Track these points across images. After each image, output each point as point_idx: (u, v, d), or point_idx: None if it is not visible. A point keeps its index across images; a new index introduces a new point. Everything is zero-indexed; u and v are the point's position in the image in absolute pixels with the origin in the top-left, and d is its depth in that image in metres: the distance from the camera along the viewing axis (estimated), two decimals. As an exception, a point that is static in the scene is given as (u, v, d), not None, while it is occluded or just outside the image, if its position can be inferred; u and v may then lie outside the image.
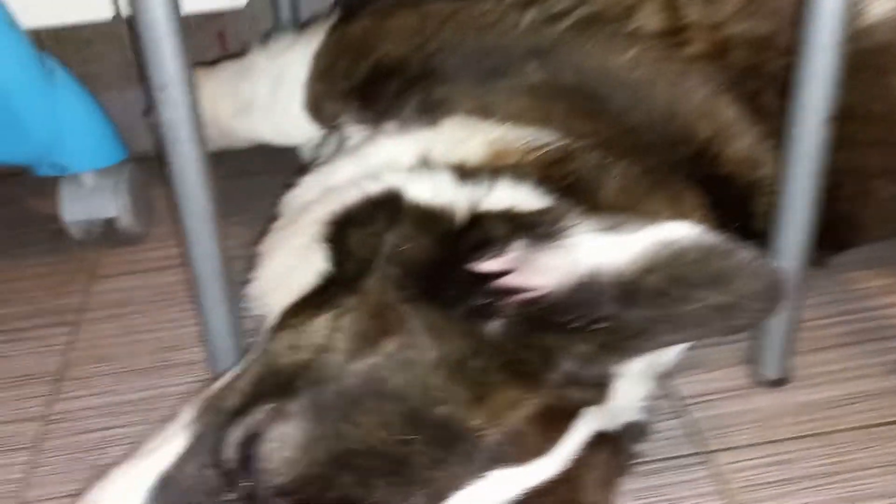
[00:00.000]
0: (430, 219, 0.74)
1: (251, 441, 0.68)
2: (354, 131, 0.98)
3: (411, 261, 0.72)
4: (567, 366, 0.70)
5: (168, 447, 0.74)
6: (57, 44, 1.31)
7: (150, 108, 1.25)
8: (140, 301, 1.16)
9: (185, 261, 1.20)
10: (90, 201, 1.20)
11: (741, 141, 0.91)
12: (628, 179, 0.81)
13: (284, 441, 0.66)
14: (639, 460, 0.83)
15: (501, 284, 0.70)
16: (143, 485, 0.72)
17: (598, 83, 0.90)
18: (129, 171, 1.23)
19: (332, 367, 0.69)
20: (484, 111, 0.87)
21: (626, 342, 0.69)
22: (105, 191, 1.20)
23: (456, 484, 0.67)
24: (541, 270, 0.69)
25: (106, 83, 1.37)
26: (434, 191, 0.77)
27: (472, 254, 0.71)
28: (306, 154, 1.29)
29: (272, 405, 0.69)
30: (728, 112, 0.90)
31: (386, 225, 0.75)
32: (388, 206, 0.76)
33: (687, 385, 0.97)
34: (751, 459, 0.88)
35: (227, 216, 1.29)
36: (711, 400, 0.95)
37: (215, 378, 0.89)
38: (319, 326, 0.73)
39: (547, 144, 0.81)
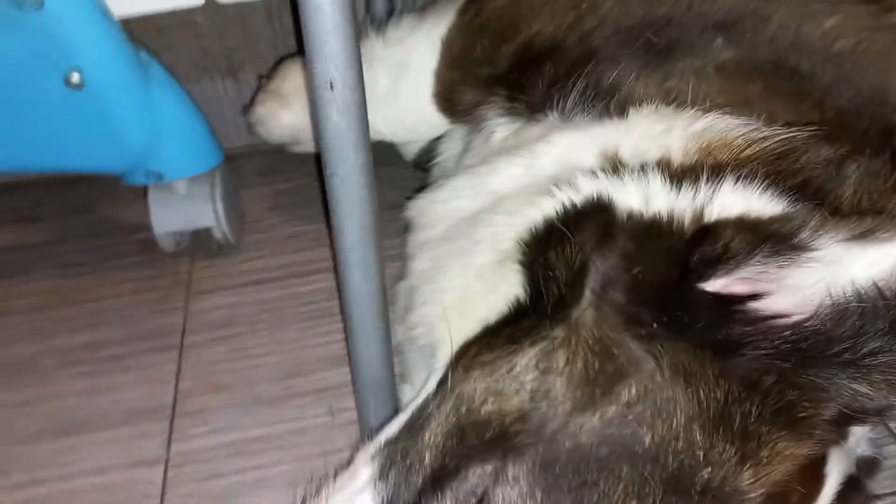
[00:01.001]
0: (653, 232, 0.62)
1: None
2: (501, 124, 0.86)
3: (639, 285, 0.60)
4: (839, 406, 0.58)
5: (351, 511, 0.64)
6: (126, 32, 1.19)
7: (250, 103, 1.12)
8: (246, 319, 1.05)
9: (283, 275, 1.10)
10: (183, 210, 1.08)
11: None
12: (866, 174, 0.68)
13: (512, 513, 0.56)
14: (879, 498, 0.72)
15: (752, 310, 0.58)
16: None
17: (797, 57, 0.77)
18: (222, 175, 1.11)
19: (556, 420, 0.58)
20: (672, 98, 0.75)
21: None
22: (199, 198, 1.08)
23: (721, 555, 0.56)
24: (792, 290, 0.58)
25: (183, 75, 1.24)
26: (646, 198, 0.65)
27: (708, 272, 0.59)
28: (410, 152, 1.18)
29: (489, 466, 0.58)
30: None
31: (596, 241, 0.64)
32: (595, 219, 0.64)
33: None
34: None
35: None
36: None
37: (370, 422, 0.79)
38: (525, 366, 0.62)
39: (769, 136, 0.68)
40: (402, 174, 1.18)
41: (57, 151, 0.95)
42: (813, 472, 0.60)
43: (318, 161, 1.28)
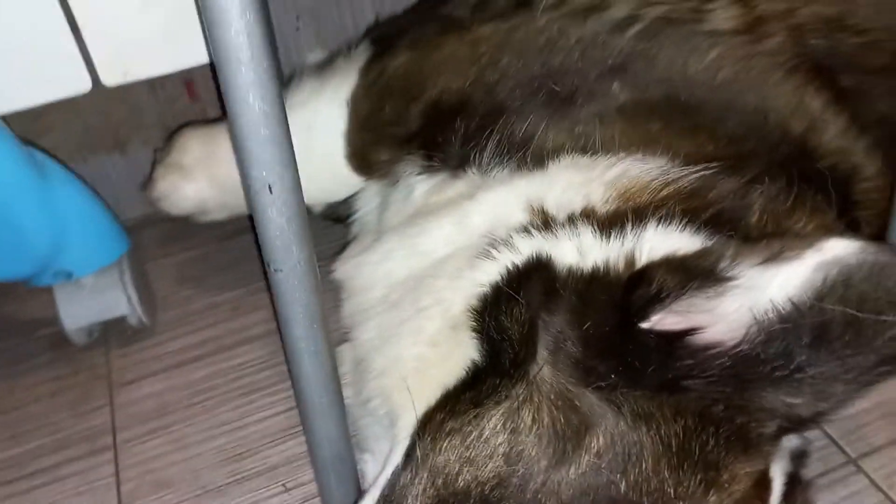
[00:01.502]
0: (594, 285, 0.66)
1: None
2: (420, 181, 0.88)
3: (590, 338, 0.64)
4: (779, 420, 0.64)
5: None
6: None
7: (149, 179, 1.09)
8: (178, 405, 1.02)
9: (208, 352, 1.09)
10: (94, 303, 1.04)
11: (832, 130, 0.86)
12: (768, 200, 0.75)
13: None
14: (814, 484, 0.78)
15: (691, 343, 0.63)
16: None
17: (686, 92, 0.83)
18: (128, 258, 1.07)
19: (534, 480, 0.61)
20: (583, 145, 0.79)
21: (835, 388, 0.63)
22: (109, 288, 1.04)
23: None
24: (721, 319, 0.63)
25: (67, 155, 1.19)
26: (580, 251, 0.69)
27: (646, 312, 0.63)
28: (318, 206, 1.17)
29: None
30: (816, 102, 0.86)
31: (542, 300, 0.67)
32: (538, 279, 0.67)
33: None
34: (898, 459, 0.85)
35: (245, 282, 1.19)
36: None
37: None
38: (493, 430, 0.64)
39: (680, 176, 0.73)
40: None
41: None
42: (763, 482, 0.65)
43: (222, 224, 1.27)
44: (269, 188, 0.61)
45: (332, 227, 1.16)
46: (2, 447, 0.98)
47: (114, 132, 1.25)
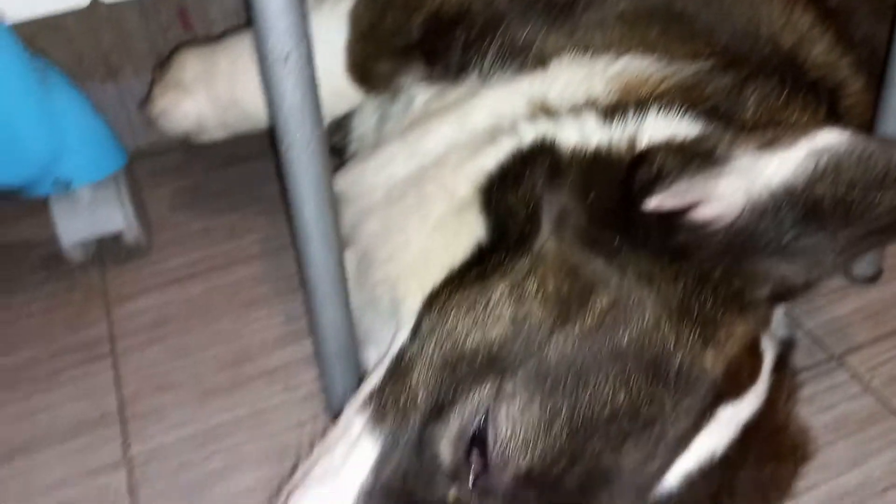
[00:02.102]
0: (597, 163, 0.69)
1: (473, 432, 0.62)
2: (421, 90, 0.90)
3: (594, 211, 0.67)
4: (773, 287, 0.67)
5: (355, 460, 0.67)
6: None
7: (147, 99, 1.10)
8: (177, 318, 1.04)
9: (204, 269, 1.10)
10: (91, 217, 1.05)
11: (819, 46, 0.90)
12: (762, 96, 0.78)
13: (519, 422, 0.61)
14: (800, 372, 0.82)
15: (690, 220, 0.66)
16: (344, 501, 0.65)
17: (682, 2, 0.86)
18: (126, 176, 1.08)
19: (539, 338, 0.63)
20: (583, 48, 0.82)
21: (826, 257, 0.67)
22: (106, 203, 1.05)
23: (695, 431, 0.63)
24: (718, 199, 0.66)
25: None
26: (584, 134, 0.72)
27: (648, 192, 0.66)
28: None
29: (486, 387, 0.62)
30: (804, 19, 0.89)
31: (547, 179, 0.69)
32: (543, 159, 0.70)
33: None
34: (879, 356, 0.89)
35: (238, 208, 1.20)
36: (819, 306, 0.96)
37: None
38: (499, 298, 0.67)
39: (678, 71, 0.77)
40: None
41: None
42: (754, 351, 0.69)
43: (212, 155, 1.28)
44: (286, 58, 0.63)
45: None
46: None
47: (105, 60, 1.26)
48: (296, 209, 0.72)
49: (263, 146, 1.25)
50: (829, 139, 0.65)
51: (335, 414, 0.76)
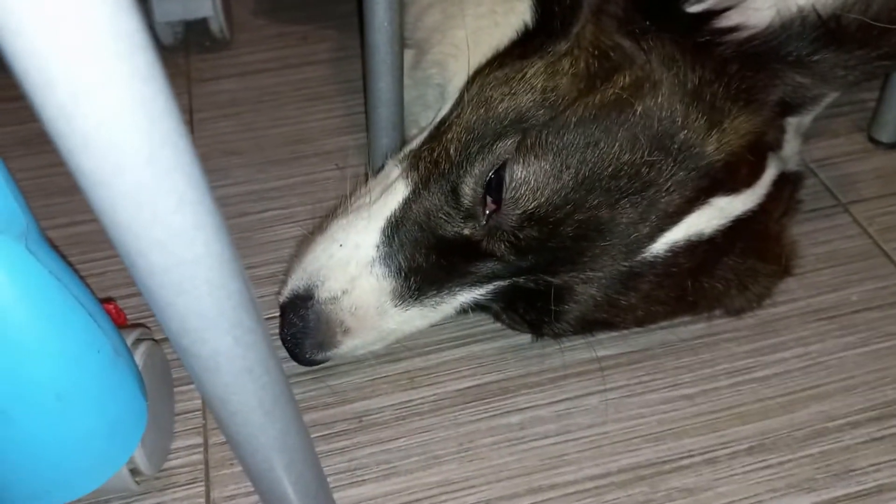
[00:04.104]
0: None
1: (491, 177, 0.71)
2: None
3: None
4: (783, 94, 0.74)
5: (389, 197, 0.77)
6: None
7: None
8: (248, 101, 1.15)
9: (277, 66, 1.20)
10: (183, 0, 1.15)
11: None
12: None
13: (532, 170, 0.69)
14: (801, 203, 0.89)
15: (722, 22, 0.73)
16: (374, 228, 0.75)
17: None
18: (216, -31, 1.18)
19: (565, 103, 0.72)
20: None
21: (837, 72, 0.73)
22: (199, -11, 1.15)
23: (688, 208, 0.72)
24: (753, 10, 0.73)
25: None
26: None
27: (688, -3, 0.73)
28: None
29: (508, 140, 0.71)
30: None
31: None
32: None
33: (810, 151, 1.03)
34: (883, 208, 0.96)
35: (314, 21, 1.29)
36: (835, 163, 1.02)
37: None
38: (534, 73, 0.75)
39: None
40: None
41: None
42: (758, 153, 0.76)
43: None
44: None
45: None
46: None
47: None
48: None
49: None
50: (861, -25, 0.70)
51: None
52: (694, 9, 0.73)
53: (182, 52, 1.23)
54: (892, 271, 0.89)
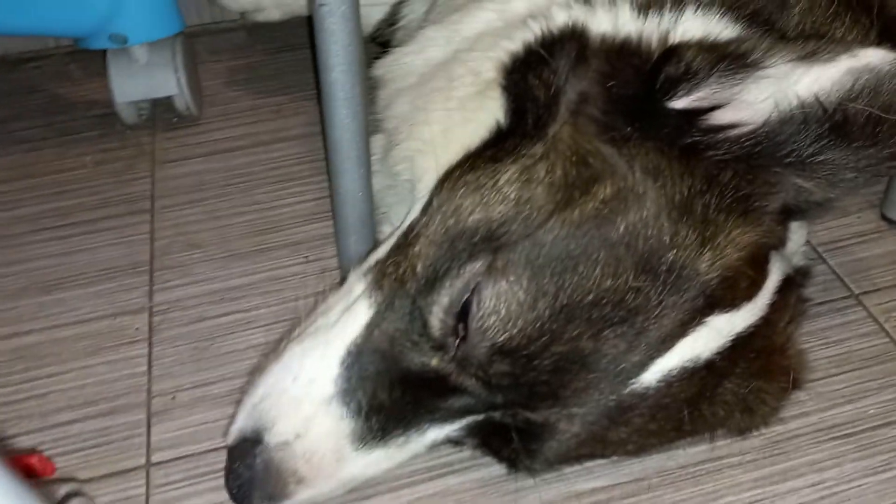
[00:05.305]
0: (624, 52, 0.68)
1: (464, 302, 0.63)
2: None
3: (612, 98, 0.66)
4: (785, 200, 0.66)
5: (350, 319, 0.69)
6: None
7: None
8: (215, 184, 1.08)
9: (248, 144, 1.13)
10: (145, 79, 1.09)
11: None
12: (808, 6, 0.75)
13: (503, 298, 0.62)
14: (809, 303, 0.81)
15: (712, 120, 0.65)
16: (332, 356, 0.67)
17: None
18: (182, 44, 1.11)
19: (538, 219, 0.64)
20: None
21: (845, 175, 0.65)
22: (161, 66, 1.09)
23: (681, 332, 0.64)
24: (746, 103, 0.65)
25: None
26: (616, 24, 0.70)
27: (673, 89, 0.65)
28: (369, 25, 1.19)
29: (479, 262, 0.64)
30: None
31: (572, 64, 0.69)
32: (570, 44, 0.69)
33: (818, 234, 0.95)
34: (900, 299, 0.88)
35: (288, 91, 1.23)
36: (846, 246, 0.94)
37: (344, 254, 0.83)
38: (507, 180, 0.67)
39: (723, -29, 0.74)
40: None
41: (22, 13, 0.94)
42: (759, 264, 0.68)
43: (269, 39, 1.31)
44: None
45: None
46: (48, 200, 1.05)
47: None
48: (323, 73, 0.74)
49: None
50: (872, 59, 0.63)
51: (342, 281, 0.79)
52: (679, 104, 0.65)
53: (148, 130, 1.16)
54: (912, 376, 0.80)
